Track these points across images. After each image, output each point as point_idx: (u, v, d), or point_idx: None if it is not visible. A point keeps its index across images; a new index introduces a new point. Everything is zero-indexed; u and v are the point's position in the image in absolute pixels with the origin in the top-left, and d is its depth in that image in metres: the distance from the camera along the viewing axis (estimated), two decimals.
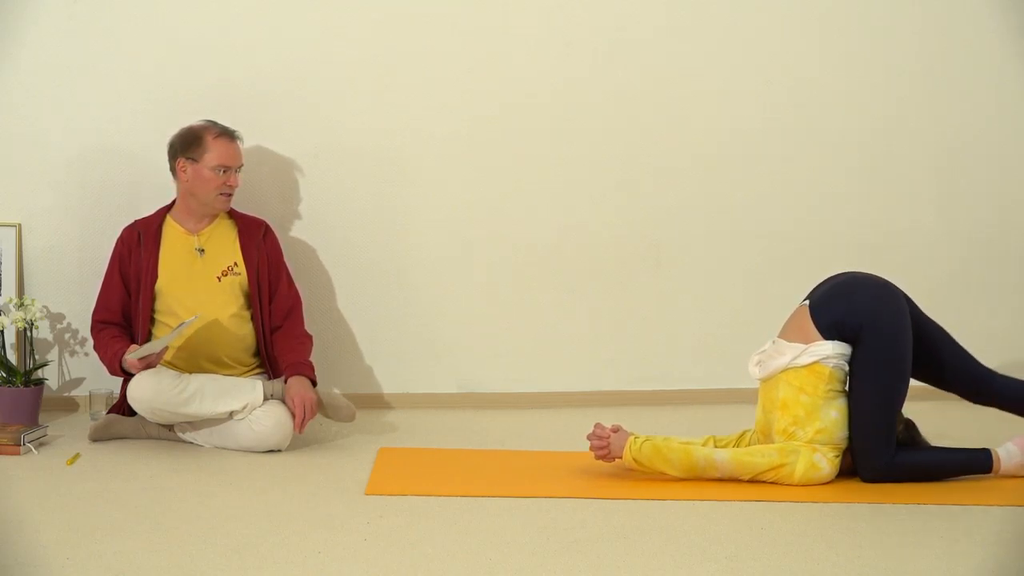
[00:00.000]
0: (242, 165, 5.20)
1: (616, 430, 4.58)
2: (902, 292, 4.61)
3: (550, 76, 5.66)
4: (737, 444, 4.70)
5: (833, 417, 4.49)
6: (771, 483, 4.48)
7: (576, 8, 5.64)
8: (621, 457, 4.54)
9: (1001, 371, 4.79)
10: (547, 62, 5.65)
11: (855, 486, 4.51)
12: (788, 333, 4.61)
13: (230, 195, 5.16)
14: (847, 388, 4.56)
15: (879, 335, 4.50)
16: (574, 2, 5.64)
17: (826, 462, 4.48)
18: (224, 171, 5.12)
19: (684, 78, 5.70)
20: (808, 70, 5.75)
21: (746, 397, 5.10)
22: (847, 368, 4.54)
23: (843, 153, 5.79)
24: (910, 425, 4.61)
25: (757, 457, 4.49)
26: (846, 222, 5.81)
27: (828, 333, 4.52)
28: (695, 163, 5.74)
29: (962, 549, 3.94)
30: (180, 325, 4.95)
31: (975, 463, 4.58)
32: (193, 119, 5.22)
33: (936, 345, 4.65)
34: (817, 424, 4.48)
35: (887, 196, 5.82)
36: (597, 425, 4.60)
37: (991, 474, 4.57)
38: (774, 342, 4.64)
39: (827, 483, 4.49)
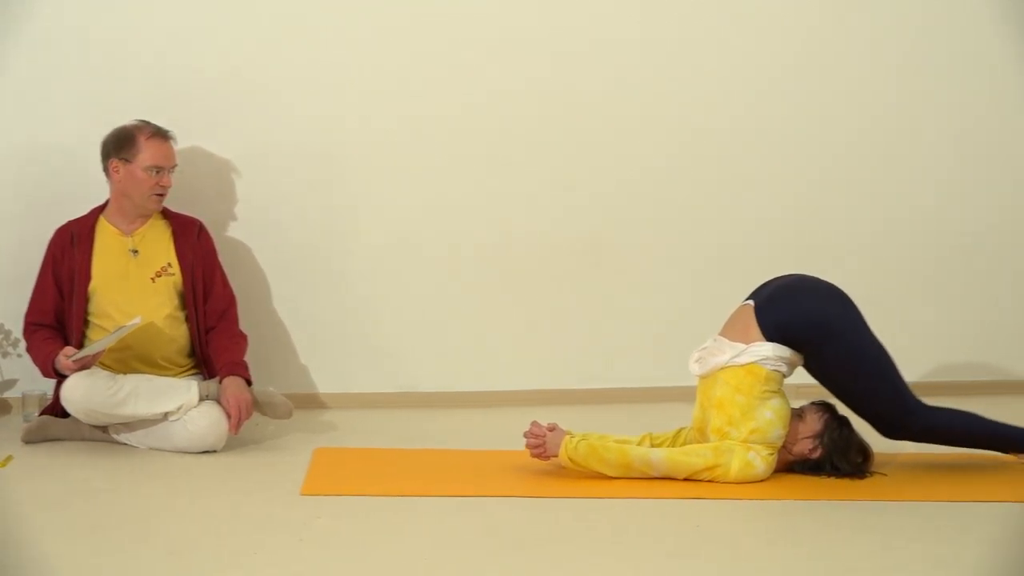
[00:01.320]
0: (176, 165, 5.17)
1: (552, 428, 4.58)
2: (847, 297, 4.65)
3: (492, 76, 5.65)
4: (673, 442, 4.72)
5: (767, 417, 4.51)
6: (708, 481, 4.50)
7: (523, 8, 5.62)
8: (557, 455, 4.55)
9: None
10: (489, 62, 5.64)
11: (792, 483, 4.54)
12: (730, 331, 4.63)
13: (163, 195, 5.13)
14: (782, 388, 4.58)
15: (835, 337, 4.54)
16: (521, 1, 5.63)
17: (760, 460, 4.50)
18: (157, 171, 5.09)
19: (626, 79, 5.69)
20: (750, 67, 5.74)
21: (684, 396, 5.11)
22: (784, 370, 4.56)
23: (784, 153, 5.79)
24: (844, 422, 4.63)
25: (692, 457, 4.51)
26: (789, 224, 5.80)
27: (771, 335, 4.53)
28: (635, 162, 5.74)
29: (899, 544, 3.97)
30: (120, 329, 4.91)
31: (1017, 440, 4.65)
32: (128, 119, 5.18)
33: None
34: (751, 424, 4.50)
35: (831, 196, 5.83)
36: (533, 423, 4.61)
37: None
38: (715, 339, 4.66)
39: (764, 480, 4.51)
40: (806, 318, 4.56)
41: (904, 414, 4.60)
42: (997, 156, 5.90)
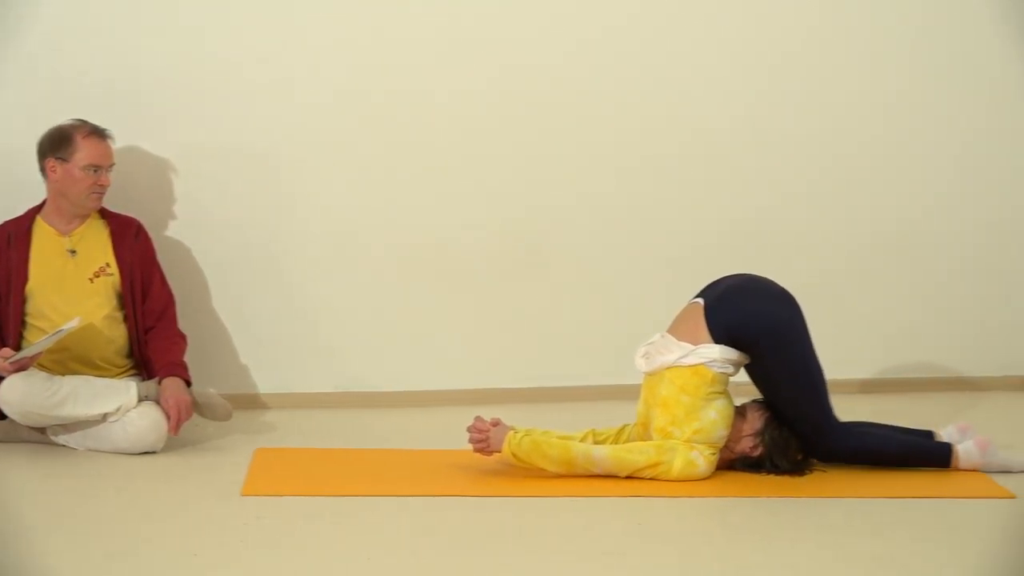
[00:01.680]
0: (113, 164, 5.13)
1: (496, 423, 4.58)
2: (796, 302, 4.67)
3: (431, 74, 5.62)
4: (616, 438, 4.73)
5: (712, 418, 4.52)
6: (649, 479, 4.51)
7: (472, 7, 5.61)
8: (500, 451, 4.55)
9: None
10: (428, 60, 5.62)
11: (733, 480, 4.56)
12: (678, 330, 4.64)
13: (101, 195, 5.10)
14: (725, 390, 4.60)
15: (781, 342, 4.56)
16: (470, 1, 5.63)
17: (702, 459, 4.51)
18: (95, 170, 5.05)
19: (575, 79, 5.66)
20: (712, 67, 5.72)
21: (627, 394, 5.11)
22: (731, 371, 4.58)
23: (728, 150, 5.78)
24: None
25: (635, 454, 4.52)
26: (735, 225, 5.79)
27: (719, 336, 4.54)
28: (581, 162, 5.72)
29: (837, 540, 4.01)
30: (58, 331, 4.87)
31: (934, 457, 4.68)
32: (65, 118, 5.14)
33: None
34: (695, 424, 4.52)
35: (766, 194, 5.85)
36: (477, 418, 4.61)
37: (946, 468, 4.68)
38: (663, 336, 4.66)
39: (704, 479, 4.53)
40: (756, 321, 4.57)
41: (826, 429, 4.62)
42: (997, 157, 5.89)
